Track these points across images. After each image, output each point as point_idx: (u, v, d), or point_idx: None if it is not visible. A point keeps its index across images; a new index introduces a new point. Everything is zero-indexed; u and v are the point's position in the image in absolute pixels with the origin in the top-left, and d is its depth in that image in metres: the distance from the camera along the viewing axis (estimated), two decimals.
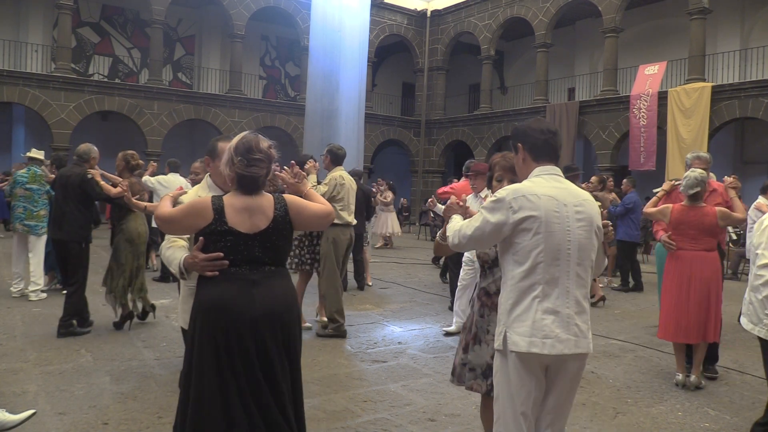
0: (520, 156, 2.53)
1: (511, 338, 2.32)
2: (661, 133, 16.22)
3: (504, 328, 2.35)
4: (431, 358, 5.27)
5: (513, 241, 2.35)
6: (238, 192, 2.47)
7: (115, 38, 20.86)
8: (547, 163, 2.46)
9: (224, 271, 2.40)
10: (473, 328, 2.88)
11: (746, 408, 4.24)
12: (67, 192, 5.55)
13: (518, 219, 2.31)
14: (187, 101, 19.48)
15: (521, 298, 2.33)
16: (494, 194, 2.44)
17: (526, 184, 2.39)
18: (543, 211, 2.31)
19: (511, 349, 2.32)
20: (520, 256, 2.34)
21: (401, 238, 16.51)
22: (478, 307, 2.89)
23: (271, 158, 2.50)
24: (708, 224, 4.57)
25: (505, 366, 2.37)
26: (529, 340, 2.28)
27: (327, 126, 12.47)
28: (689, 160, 5.02)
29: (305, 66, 15.53)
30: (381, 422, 3.74)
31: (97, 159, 5.81)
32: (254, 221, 2.43)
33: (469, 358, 2.86)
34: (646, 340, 6.06)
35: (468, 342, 2.89)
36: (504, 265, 2.43)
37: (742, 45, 17.24)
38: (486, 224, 2.35)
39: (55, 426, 3.49)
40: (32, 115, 18.04)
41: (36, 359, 4.76)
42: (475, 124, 22.24)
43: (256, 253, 2.43)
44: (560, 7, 19.05)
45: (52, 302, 6.77)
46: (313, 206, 2.63)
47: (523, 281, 2.32)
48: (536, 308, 2.30)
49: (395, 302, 7.78)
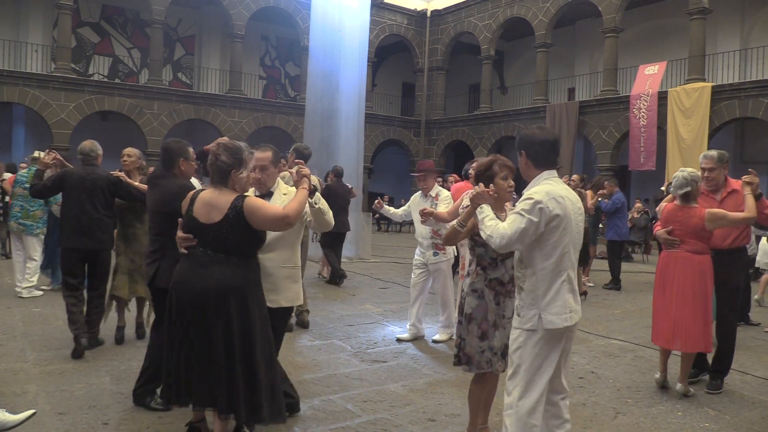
0: (523, 161, 2.90)
1: (546, 318, 2.74)
2: (661, 133, 16.22)
3: (537, 311, 2.76)
4: (431, 358, 5.27)
5: (543, 237, 2.72)
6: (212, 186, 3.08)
7: (115, 38, 20.87)
8: (549, 169, 2.85)
9: (189, 250, 3.03)
10: (490, 316, 3.20)
11: (746, 408, 4.24)
12: (95, 197, 4.96)
13: (550, 218, 2.70)
14: (187, 101, 19.48)
15: (552, 284, 2.76)
16: (528, 196, 2.73)
17: (551, 187, 2.77)
18: (566, 210, 2.73)
19: (546, 328, 2.74)
20: (549, 249, 2.74)
21: (402, 238, 16.49)
22: (493, 296, 3.22)
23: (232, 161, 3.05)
24: (693, 226, 4.37)
25: (534, 343, 2.77)
26: (562, 317, 2.74)
27: (327, 126, 12.48)
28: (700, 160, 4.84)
29: (305, 66, 15.53)
30: (381, 422, 3.74)
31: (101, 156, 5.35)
32: (211, 214, 2.98)
33: (492, 344, 3.20)
34: (646, 340, 6.05)
35: (486, 330, 3.20)
36: (531, 258, 2.78)
37: (742, 45, 17.25)
38: (530, 224, 2.68)
39: (55, 426, 3.49)
40: (32, 115, 18.04)
41: (36, 359, 4.76)
42: (475, 124, 22.24)
43: (209, 240, 2.98)
44: (560, 7, 19.05)
45: (52, 302, 6.77)
46: (267, 210, 2.97)
47: (554, 270, 2.75)
48: (565, 290, 2.77)
49: (395, 302, 7.78)
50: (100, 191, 4.98)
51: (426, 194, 5.73)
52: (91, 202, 4.95)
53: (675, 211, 4.54)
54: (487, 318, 3.20)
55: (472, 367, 3.22)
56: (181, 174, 3.93)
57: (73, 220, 4.94)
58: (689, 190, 4.42)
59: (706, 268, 4.41)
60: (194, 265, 2.99)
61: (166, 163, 3.91)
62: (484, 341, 3.19)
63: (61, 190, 5.08)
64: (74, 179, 5.00)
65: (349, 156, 12.30)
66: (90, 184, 4.97)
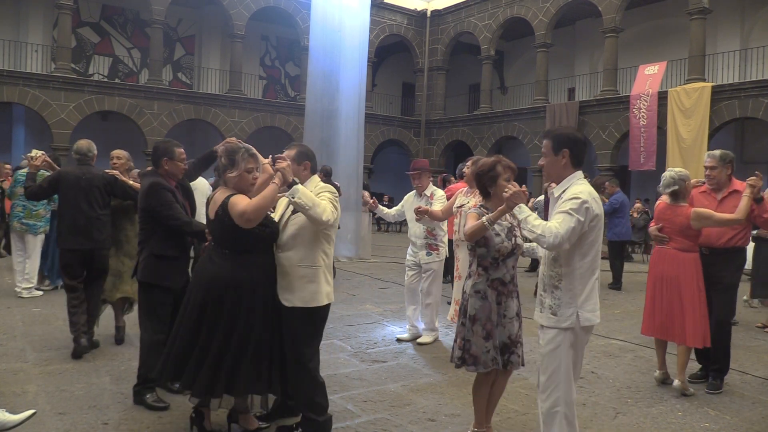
0: (563, 160, 2.93)
1: (583, 316, 2.85)
2: (661, 133, 16.22)
3: (575, 309, 2.85)
4: (431, 358, 5.27)
5: (583, 236, 2.82)
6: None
7: (115, 38, 20.86)
8: (580, 169, 2.96)
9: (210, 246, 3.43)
10: (493, 316, 3.22)
11: (746, 408, 4.24)
12: (91, 196, 4.97)
13: (592, 217, 2.80)
14: (187, 101, 19.48)
15: (588, 283, 2.86)
16: (575, 196, 2.80)
17: (588, 187, 2.88)
18: (601, 209, 2.86)
19: (583, 325, 2.86)
20: (587, 248, 2.85)
21: (402, 238, 16.49)
22: (495, 296, 3.24)
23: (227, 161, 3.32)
24: (679, 224, 4.51)
25: (572, 341, 2.88)
26: (596, 314, 2.88)
27: (327, 126, 12.46)
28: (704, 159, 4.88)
29: (305, 66, 15.52)
30: (381, 422, 3.74)
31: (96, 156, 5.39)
32: (213, 212, 3.27)
33: (495, 343, 3.22)
34: (646, 340, 6.05)
35: (490, 330, 3.21)
36: (570, 257, 2.86)
37: (742, 45, 17.25)
38: (578, 224, 2.76)
39: (55, 426, 3.49)
40: (32, 115, 18.04)
41: (36, 359, 4.76)
42: (475, 124, 22.24)
43: (215, 236, 3.34)
44: (560, 7, 19.05)
45: (52, 302, 6.77)
46: (236, 206, 3.11)
47: (589, 269, 2.85)
48: (596, 288, 2.90)
49: (395, 302, 7.78)
50: (97, 190, 4.99)
51: (420, 193, 5.72)
52: (88, 201, 4.96)
53: (665, 209, 4.69)
54: (491, 318, 3.22)
55: (479, 366, 3.23)
56: (165, 173, 4.03)
57: (70, 220, 4.94)
58: (676, 189, 4.55)
59: (692, 265, 4.51)
60: (205, 259, 3.33)
61: (154, 162, 4.10)
62: (489, 341, 3.21)
63: (56, 191, 5.08)
64: (70, 179, 5.00)
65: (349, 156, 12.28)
66: (86, 183, 4.98)
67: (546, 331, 2.92)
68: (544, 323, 2.94)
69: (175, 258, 3.96)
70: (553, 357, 2.89)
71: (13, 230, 7.35)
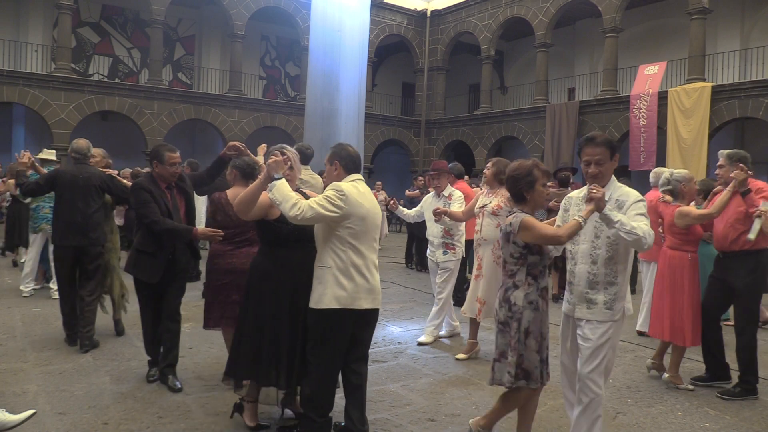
0: (612, 164, 3.12)
1: (627, 307, 3.23)
2: (661, 133, 16.22)
3: (623, 302, 3.10)
4: (431, 358, 5.27)
5: None
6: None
7: (115, 38, 20.86)
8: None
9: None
10: (543, 329, 3.13)
11: (746, 408, 4.24)
12: (88, 195, 5.07)
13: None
14: (187, 101, 19.47)
15: (627, 277, 3.12)
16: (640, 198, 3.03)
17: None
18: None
19: (627, 315, 3.21)
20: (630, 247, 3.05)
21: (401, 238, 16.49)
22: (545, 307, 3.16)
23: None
24: (667, 223, 4.76)
25: (617, 331, 3.14)
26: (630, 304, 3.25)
27: (327, 126, 12.45)
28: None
29: (305, 66, 15.51)
30: (381, 422, 3.74)
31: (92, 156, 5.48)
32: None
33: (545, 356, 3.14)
34: (646, 340, 6.06)
35: (541, 343, 3.11)
36: (626, 255, 3.07)
37: (742, 45, 17.24)
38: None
39: (55, 426, 3.49)
40: (32, 115, 18.04)
41: (36, 359, 4.76)
42: (475, 124, 22.24)
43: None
44: (560, 7, 19.04)
45: (53, 302, 6.77)
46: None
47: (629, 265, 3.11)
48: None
49: (395, 302, 7.78)
50: (94, 189, 5.11)
51: (439, 194, 5.81)
52: (84, 200, 5.06)
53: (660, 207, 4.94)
54: (542, 331, 3.11)
55: (531, 382, 3.07)
56: (156, 176, 4.25)
57: (67, 218, 5.04)
58: (669, 189, 4.80)
59: (679, 264, 4.60)
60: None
61: (150, 164, 4.37)
62: (540, 354, 3.10)
63: (53, 189, 5.16)
64: (66, 178, 5.09)
65: None
66: (83, 182, 5.08)
67: (598, 325, 3.06)
68: (598, 318, 3.07)
69: (152, 254, 4.16)
70: (604, 348, 3.07)
71: (40, 232, 7.11)
